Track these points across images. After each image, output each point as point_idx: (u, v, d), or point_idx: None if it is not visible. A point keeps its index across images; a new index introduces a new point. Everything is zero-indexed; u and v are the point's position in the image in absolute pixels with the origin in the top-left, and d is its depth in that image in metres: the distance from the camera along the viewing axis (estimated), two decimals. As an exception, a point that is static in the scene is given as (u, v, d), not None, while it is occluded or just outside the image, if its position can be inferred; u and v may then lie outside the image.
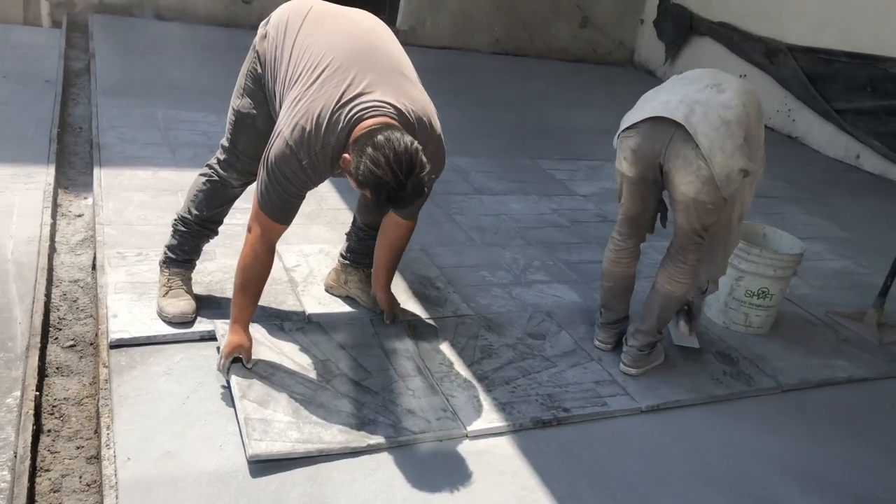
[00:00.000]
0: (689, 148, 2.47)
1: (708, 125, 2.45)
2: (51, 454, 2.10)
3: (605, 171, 5.09)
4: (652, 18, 8.57)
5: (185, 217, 2.66)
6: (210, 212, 2.65)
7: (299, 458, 2.10)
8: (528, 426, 2.42)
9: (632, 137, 2.64)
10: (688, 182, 2.51)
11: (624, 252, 2.86)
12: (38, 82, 4.88)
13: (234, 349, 2.33)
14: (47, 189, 3.45)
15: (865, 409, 2.87)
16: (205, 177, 2.63)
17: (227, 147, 2.58)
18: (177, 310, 2.57)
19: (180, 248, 2.68)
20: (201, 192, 2.63)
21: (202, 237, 2.71)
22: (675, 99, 2.53)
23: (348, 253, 2.90)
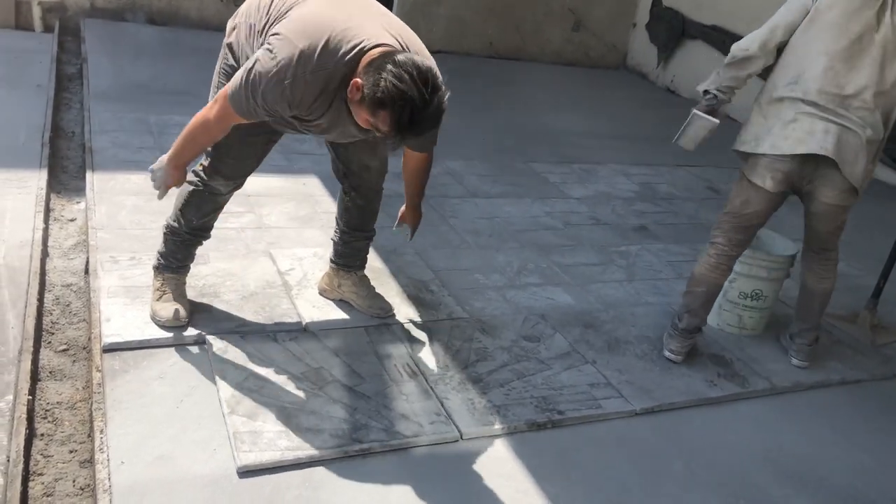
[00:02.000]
0: (838, 172, 2.68)
1: (852, 151, 2.65)
2: (44, 458, 2.09)
3: (599, 174, 5.11)
4: (644, 22, 8.60)
5: (175, 227, 2.62)
6: (200, 220, 2.61)
7: (290, 464, 2.10)
8: (522, 429, 2.42)
9: (784, 162, 2.72)
10: (832, 196, 2.75)
11: (726, 259, 2.90)
12: (30, 87, 4.87)
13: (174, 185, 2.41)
14: (40, 193, 3.43)
15: (859, 411, 2.88)
16: (191, 185, 2.55)
17: (210, 152, 2.50)
18: (170, 314, 2.55)
19: (173, 256, 2.65)
20: (189, 201, 2.56)
21: (194, 244, 2.68)
22: (820, 127, 2.64)
23: (338, 258, 2.90)
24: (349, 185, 2.75)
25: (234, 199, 3.66)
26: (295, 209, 3.70)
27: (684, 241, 4.18)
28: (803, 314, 3.09)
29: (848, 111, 2.62)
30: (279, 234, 3.42)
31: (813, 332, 3.07)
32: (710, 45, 7.58)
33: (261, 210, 3.63)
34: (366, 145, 2.60)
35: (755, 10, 7.22)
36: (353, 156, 2.65)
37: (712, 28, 7.54)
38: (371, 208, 2.82)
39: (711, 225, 3.01)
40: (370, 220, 2.85)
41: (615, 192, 4.79)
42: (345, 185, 2.77)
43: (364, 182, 2.73)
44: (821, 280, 3.02)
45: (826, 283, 3.03)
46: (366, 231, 2.87)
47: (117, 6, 6.72)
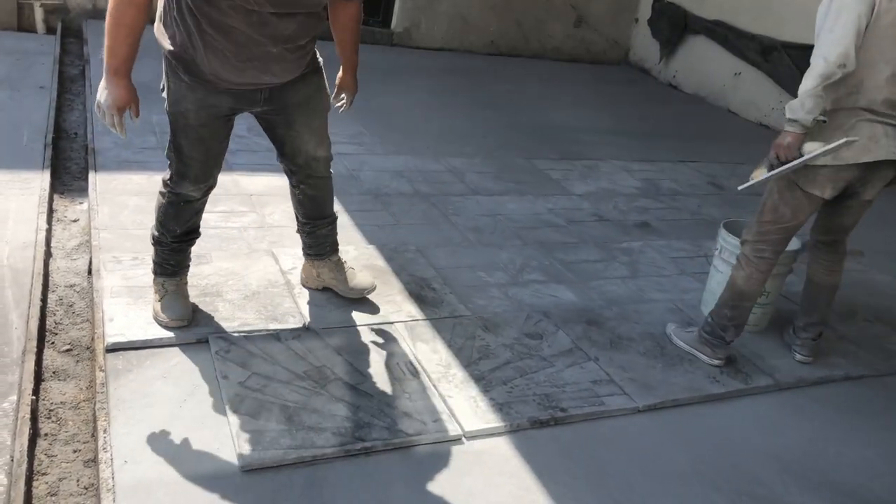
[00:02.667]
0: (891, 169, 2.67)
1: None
2: (48, 458, 2.10)
3: (601, 170, 5.10)
4: (646, 17, 8.58)
5: (159, 237, 2.59)
6: (183, 227, 2.58)
7: (292, 463, 2.10)
8: (525, 426, 2.42)
9: (850, 171, 2.65)
10: (875, 193, 2.74)
11: (770, 267, 2.87)
12: (33, 88, 4.88)
13: (124, 103, 2.25)
14: (43, 194, 3.44)
15: (863, 407, 2.87)
16: (163, 196, 2.53)
17: (172, 156, 2.47)
18: (173, 314, 2.56)
19: (166, 263, 2.64)
20: (166, 213, 2.54)
21: (184, 249, 2.66)
22: (881, 131, 2.58)
23: (308, 249, 2.91)
24: (297, 179, 2.73)
25: (237, 198, 3.69)
26: (297, 208, 3.70)
27: (687, 237, 4.17)
28: (809, 308, 3.07)
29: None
30: (281, 233, 3.42)
31: (818, 327, 3.06)
32: (713, 40, 7.57)
33: (263, 209, 3.63)
34: (313, 132, 2.59)
35: (758, 4, 7.24)
36: (300, 148, 2.61)
37: (715, 23, 7.52)
38: (324, 196, 2.81)
39: (715, 221, 3.00)
40: (326, 205, 2.84)
41: (618, 189, 4.78)
42: (293, 180, 2.75)
43: (313, 172, 2.70)
44: (829, 273, 3.02)
45: (835, 277, 3.02)
46: (326, 217, 2.85)
47: (119, 6, 6.72)
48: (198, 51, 2.24)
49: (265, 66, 2.30)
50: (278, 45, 2.26)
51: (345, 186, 4.02)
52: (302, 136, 2.58)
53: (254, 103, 2.44)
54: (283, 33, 2.25)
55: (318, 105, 2.58)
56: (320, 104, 2.59)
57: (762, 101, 7.09)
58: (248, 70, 2.29)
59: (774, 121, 6.95)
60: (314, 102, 2.55)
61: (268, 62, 2.29)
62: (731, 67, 7.42)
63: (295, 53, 2.34)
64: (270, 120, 2.56)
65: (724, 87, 7.54)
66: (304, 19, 2.28)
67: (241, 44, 2.22)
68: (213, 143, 2.46)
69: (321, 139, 2.64)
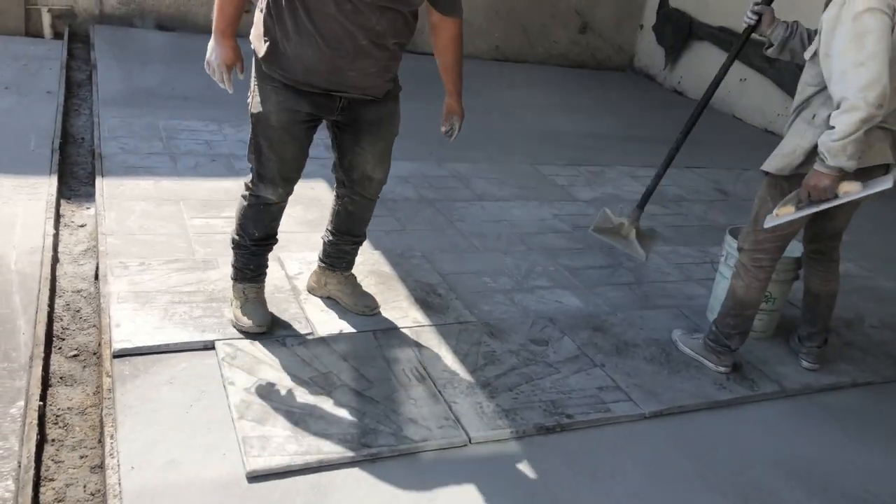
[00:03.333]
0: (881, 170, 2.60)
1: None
2: (55, 464, 2.10)
3: (607, 176, 5.10)
4: (651, 24, 8.59)
5: (239, 241, 2.66)
6: (262, 231, 2.64)
7: (299, 469, 2.10)
8: (531, 433, 2.41)
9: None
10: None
11: (768, 275, 2.86)
12: (40, 93, 4.90)
13: (231, 62, 2.42)
14: (50, 200, 3.46)
15: (870, 413, 2.86)
16: (244, 199, 2.61)
17: (252, 158, 2.55)
18: (255, 320, 2.61)
19: (246, 267, 2.69)
20: (246, 216, 2.61)
21: (263, 254, 2.71)
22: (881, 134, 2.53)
23: (325, 257, 2.93)
24: (344, 192, 2.77)
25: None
26: (303, 213, 3.72)
27: (693, 243, 4.17)
28: (811, 318, 3.07)
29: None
30: (288, 238, 3.42)
31: (822, 335, 3.06)
32: (718, 46, 7.57)
33: (269, 215, 3.64)
34: (375, 154, 2.63)
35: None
36: (358, 165, 2.66)
37: (720, 29, 7.53)
38: (362, 216, 2.84)
39: (721, 227, 3.00)
40: (361, 225, 2.87)
41: (623, 195, 4.78)
42: (340, 190, 2.79)
43: (362, 191, 2.74)
44: (826, 283, 3.00)
45: (832, 285, 3.01)
46: (354, 236, 2.88)
47: (126, 12, 6.76)
48: (291, 43, 2.35)
49: (352, 60, 2.37)
50: (367, 37, 2.35)
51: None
52: (364, 155, 2.63)
53: (331, 111, 2.50)
54: (374, 27, 2.34)
55: (389, 129, 2.65)
56: (391, 129, 2.65)
57: (767, 107, 7.08)
58: (337, 61, 2.36)
59: (780, 127, 6.94)
60: (385, 126, 2.62)
61: (355, 56, 2.37)
62: (736, 73, 7.41)
63: (380, 52, 2.41)
64: (340, 130, 2.61)
65: (729, 93, 7.53)
66: (394, 17, 2.37)
67: (333, 33, 2.32)
68: (291, 147, 2.51)
69: (381, 162, 2.69)
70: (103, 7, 6.65)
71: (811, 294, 3.05)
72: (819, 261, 2.99)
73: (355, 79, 2.43)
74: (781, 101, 6.90)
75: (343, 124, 2.58)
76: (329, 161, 4.47)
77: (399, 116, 2.68)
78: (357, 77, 2.42)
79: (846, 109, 2.34)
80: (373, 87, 2.50)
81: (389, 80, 2.55)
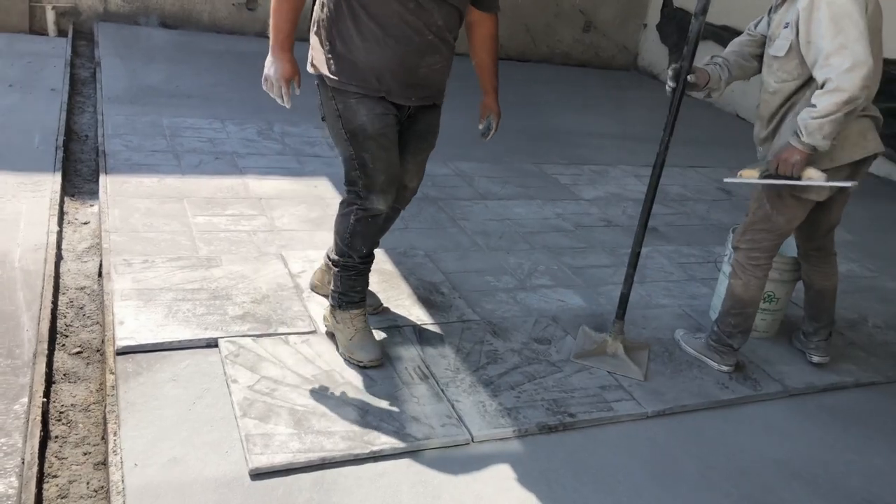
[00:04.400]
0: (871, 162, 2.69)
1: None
2: (58, 460, 2.11)
3: (610, 175, 5.10)
4: (655, 23, 8.58)
5: (347, 262, 2.58)
6: (370, 246, 2.59)
7: (301, 467, 2.11)
8: (533, 431, 2.42)
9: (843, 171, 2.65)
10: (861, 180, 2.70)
11: (766, 272, 2.88)
12: (44, 91, 4.91)
13: (290, 76, 2.40)
14: (53, 197, 3.47)
15: (873, 413, 2.86)
16: (351, 215, 2.53)
17: (357, 174, 2.48)
18: (369, 355, 2.56)
19: (353, 290, 2.61)
20: (356, 231, 2.54)
21: (367, 272, 2.67)
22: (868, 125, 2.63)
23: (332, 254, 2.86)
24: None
25: (246, 202, 3.71)
26: (306, 211, 3.72)
27: (696, 242, 4.17)
28: (815, 313, 3.07)
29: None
30: (291, 236, 3.44)
31: (828, 328, 3.07)
32: (721, 45, 7.54)
33: (272, 213, 3.64)
34: (416, 164, 2.66)
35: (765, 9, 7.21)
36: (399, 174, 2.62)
37: (723, 28, 7.52)
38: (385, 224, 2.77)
39: (724, 227, 3.00)
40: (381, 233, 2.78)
41: (626, 194, 4.78)
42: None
43: (396, 200, 2.67)
44: (828, 277, 3.03)
45: (834, 279, 3.04)
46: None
47: (130, 10, 6.77)
48: (359, 51, 2.36)
49: (422, 56, 2.40)
50: (432, 32, 2.38)
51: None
52: (406, 165, 2.61)
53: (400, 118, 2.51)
54: (436, 21, 2.37)
55: (432, 139, 2.67)
56: (432, 140, 2.67)
57: (771, 106, 7.06)
58: (409, 57, 2.37)
59: (783, 126, 6.94)
60: (430, 136, 2.65)
61: (425, 51, 2.39)
62: (740, 72, 7.41)
63: (445, 46, 2.43)
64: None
65: (732, 93, 7.51)
66: (451, 11, 2.40)
67: (402, 31, 2.33)
68: (391, 151, 2.48)
69: (419, 172, 2.70)
70: (107, 4, 6.67)
71: (814, 290, 3.05)
72: (818, 257, 3.00)
73: (427, 76, 2.45)
74: (785, 101, 6.89)
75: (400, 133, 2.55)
76: (334, 160, 4.49)
77: (439, 127, 2.69)
78: (428, 73, 2.44)
79: (830, 90, 2.39)
80: (438, 87, 2.53)
81: (445, 79, 2.57)
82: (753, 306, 2.90)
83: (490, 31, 2.63)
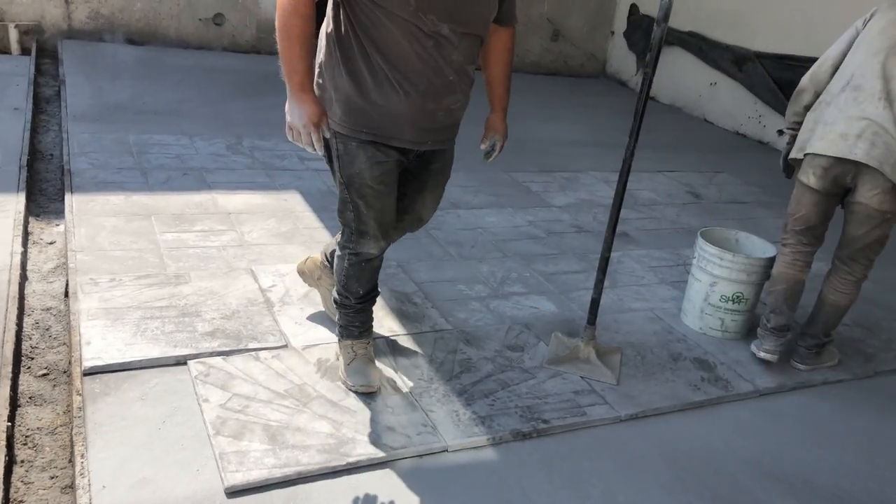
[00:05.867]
0: (878, 174, 2.73)
1: (889, 153, 2.69)
2: (24, 485, 2.07)
3: (580, 182, 5.13)
4: (622, 30, 8.68)
5: (344, 301, 2.55)
6: (366, 287, 2.54)
7: (277, 482, 2.09)
8: (508, 438, 2.41)
9: (823, 158, 2.83)
10: (873, 194, 2.76)
11: (801, 256, 3.03)
12: (7, 110, 4.84)
13: (318, 118, 2.15)
14: (18, 217, 3.41)
15: (842, 411, 2.89)
16: (343, 259, 2.49)
17: (350, 217, 2.39)
18: (360, 380, 2.51)
19: (352, 325, 2.59)
20: (349, 275, 2.50)
21: (367, 309, 2.62)
22: (854, 132, 2.73)
23: (331, 258, 2.80)
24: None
25: (216, 217, 3.68)
26: (276, 225, 3.70)
27: (666, 246, 4.21)
28: (810, 319, 3.13)
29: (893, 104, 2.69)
30: (261, 250, 3.41)
31: (813, 339, 3.08)
32: (688, 51, 7.67)
33: (242, 227, 3.62)
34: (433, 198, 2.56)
35: (731, 16, 7.35)
36: (414, 210, 2.56)
37: (689, 34, 7.63)
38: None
39: (693, 230, 3.03)
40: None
41: (597, 200, 4.81)
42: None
43: (409, 229, 2.66)
44: (833, 292, 3.03)
45: (838, 297, 3.02)
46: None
47: (95, 27, 6.70)
48: (371, 93, 2.20)
49: (441, 99, 2.24)
50: (453, 69, 2.21)
51: (325, 202, 4.01)
52: (424, 201, 2.55)
53: (409, 158, 2.39)
54: (457, 58, 2.21)
55: (447, 174, 2.56)
56: (449, 171, 2.56)
57: (738, 110, 7.17)
58: (427, 103, 2.22)
59: (750, 129, 7.04)
60: (446, 171, 2.54)
61: (445, 93, 2.24)
62: (706, 77, 7.52)
63: (464, 83, 2.29)
64: (408, 174, 2.45)
65: (700, 97, 7.63)
66: (472, 42, 2.25)
67: (419, 73, 2.17)
68: (387, 198, 2.38)
69: (434, 206, 2.62)
70: (72, 22, 6.60)
71: (819, 298, 3.11)
72: (836, 269, 3.03)
73: (444, 119, 2.30)
74: (751, 104, 6.99)
75: (413, 170, 2.44)
76: (304, 173, 4.47)
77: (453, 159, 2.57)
78: (446, 117, 2.30)
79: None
80: (455, 127, 2.41)
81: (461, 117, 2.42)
82: (780, 284, 3.04)
83: (506, 45, 2.47)
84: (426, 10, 2.10)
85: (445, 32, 2.15)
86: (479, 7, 2.23)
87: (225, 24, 7.13)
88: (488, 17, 2.28)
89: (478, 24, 2.24)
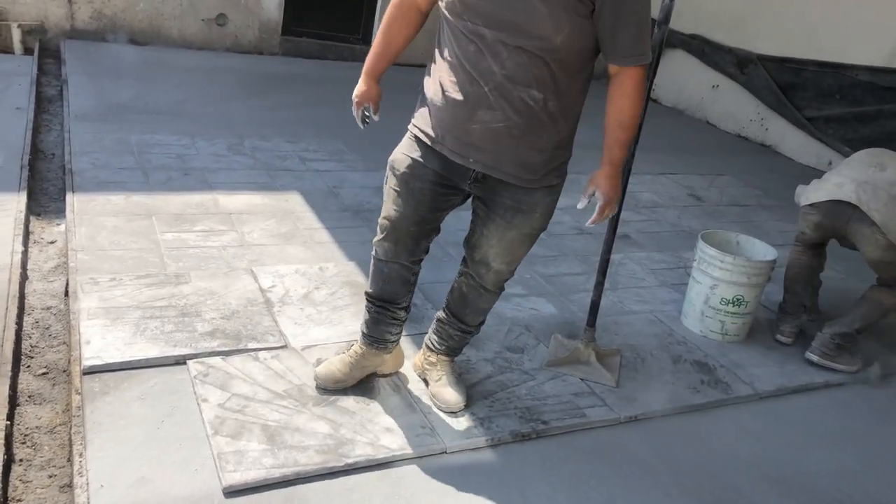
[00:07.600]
0: (867, 225, 2.99)
1: (878, 202, 2.97)
2: (23, 484, 2.07)
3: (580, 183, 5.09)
4: (624, 32, 8.67)
5: (366, 291, 2.47)
6: (375, 288, 2.42)
7: (276, 482, 2.08)
8: (507, 440, 2.41)
9: (814, 215, 3.18)
10: (871, 251, 3.05)
11: (811, 246, 3.34)
12: (9, 109, 4.84)
13: (362, 98, 2.36)
14: (19, 216, 3.41)
15: (842, 415, 2.89)
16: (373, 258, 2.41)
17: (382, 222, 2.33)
18: (323, 372, 2.49)
19: (365, 324, 2.50)
20: (371, 264, 2.43)
21: (380, 317, 2.44)
22: (847, 182, 3.05)
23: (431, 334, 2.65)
24: (464, 269, 2.48)
25: (216, 217, 3.68)
26: (277, 226, 3.70)
27: (667, 248, 4.20)
28: (848, 309, 3.25)
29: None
30: (261, 251, 3.41)
31: (840, 327, 3.13)
32: (691, 53, 7.66)
33: (242, 227, 3.62)
34: (502, 242, 2.30)
35: (733, 18, 7.34)
36: (481, 248, 2.35)
37: (692, 37, 7.62)
38: (475, 304, 2.49)
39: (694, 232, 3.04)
40: (471, 315, 2.52)
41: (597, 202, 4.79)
42: (462, 266, 2.49)
43: (478, 277, 2.42)
44: (880, 291, 3.20)
45: (882, 296, 3.17)
46: (461, 322, 2.53)
47: (98, 27, 6.71)
48: (426, 89, 2.21)
49: (472, 109, 2.07)
50: (491, 83, 2.02)
51: (325, 203, 4.02)
52: (490, 240, 2.30)
53: (463, 178, 2.19)
54: (497, 70, 2.01)
55: (528, 221, 2.26)
56: (530, 222, 2.26)
57: (740, 112, 7.17)
58: (457, 109, 2.09)
59: (752, 132, 7.03)
60: (524, 215, 2.24)
61: (476, 104, 2.06)
62: (708, 80, 7.51)
63: (510, 105, 2.05)
64: (477, 203, 2.32)
65: (702, 100, 7.62)
66: (528, 60, 1.99)
67: (455, 77, 2.09)
68: (408, 202, 2.24)
69: (506, 253, 2.33)
70: (74, 22, 6.61)
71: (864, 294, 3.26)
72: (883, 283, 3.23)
73: (484, 137, 2.08)
74: (753, 107, 6.99)
75: (479, 199, 2.28)
76: (305, 174, 4.48)
77: (550, 210, 2.30)
78: (482, 133, 2.08)
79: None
80: (513, 158, 2.13)
81: (542, 164, 2.19)
82: (792, 269, 3.33)
83: (621, 89, 2.11)
84: (464, 7, 2.01)
85: (488, 39, 1.99)
86: (538, 20, 1.94)
87: (227, 24, 7.13)
88: (554, 37, 1.96)
89: (535, 40, 1.96)
